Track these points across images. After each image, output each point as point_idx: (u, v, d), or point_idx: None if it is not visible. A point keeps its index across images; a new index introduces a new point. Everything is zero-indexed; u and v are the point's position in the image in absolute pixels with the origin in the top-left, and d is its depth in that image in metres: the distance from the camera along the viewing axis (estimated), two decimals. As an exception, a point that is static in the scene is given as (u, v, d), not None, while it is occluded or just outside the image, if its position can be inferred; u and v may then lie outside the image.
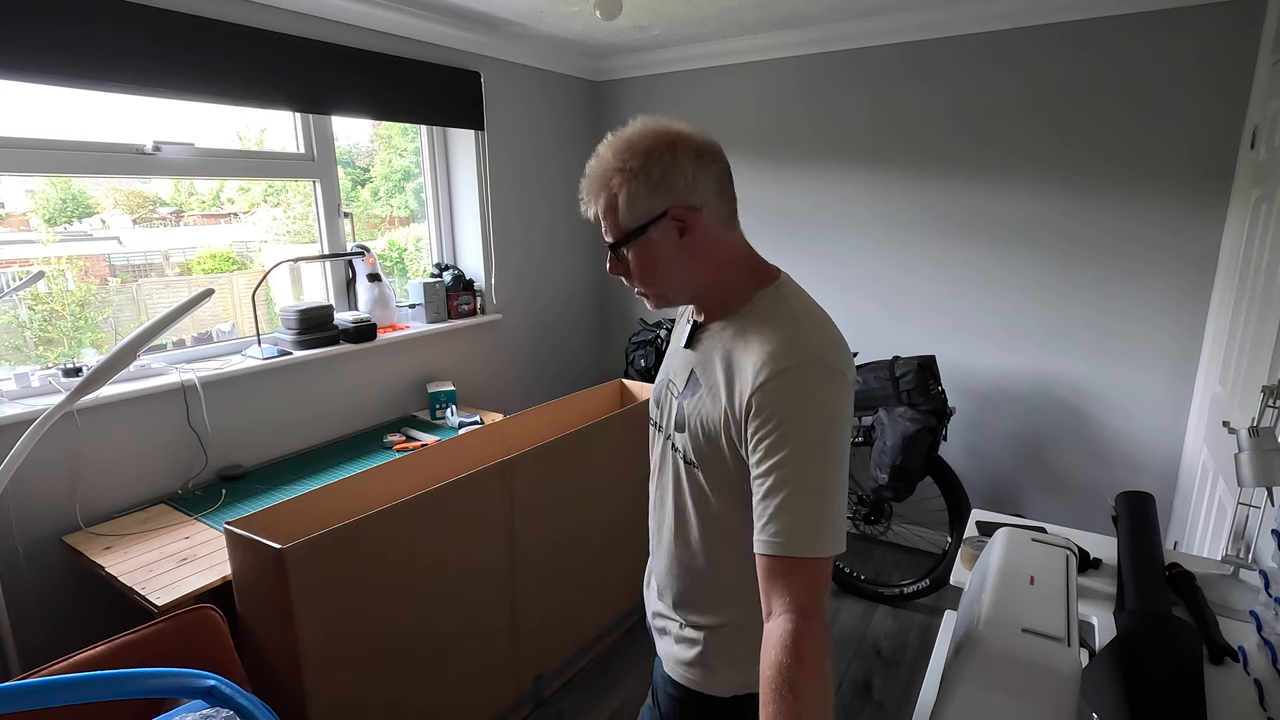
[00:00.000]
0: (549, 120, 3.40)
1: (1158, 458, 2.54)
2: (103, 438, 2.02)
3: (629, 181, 0.92)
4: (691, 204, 0.92)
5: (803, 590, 0.82)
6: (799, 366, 0.86)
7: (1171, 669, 1.05)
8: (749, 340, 0.92)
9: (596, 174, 0.96)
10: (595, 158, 0.96)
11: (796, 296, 0.97)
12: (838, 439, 0.86)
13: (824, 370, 0.87)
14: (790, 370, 0.86)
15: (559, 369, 3.70)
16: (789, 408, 0.85)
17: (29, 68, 1.78)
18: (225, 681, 0.79)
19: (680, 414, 1.00)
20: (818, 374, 0.86)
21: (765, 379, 0.86)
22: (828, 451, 0.85)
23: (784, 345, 0.88)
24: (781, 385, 0.85)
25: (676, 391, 1.03)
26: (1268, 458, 1.23)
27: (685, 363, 1.03)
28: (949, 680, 1.05)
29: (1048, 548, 1.22)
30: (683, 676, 1.06)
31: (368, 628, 1.60)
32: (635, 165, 0.91)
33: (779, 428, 0.85)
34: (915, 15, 2.63)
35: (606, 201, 0.95)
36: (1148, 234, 2.44)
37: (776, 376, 0.86)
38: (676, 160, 0.91)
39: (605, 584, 2.39)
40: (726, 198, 0.96)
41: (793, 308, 0.94)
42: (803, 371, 0.86)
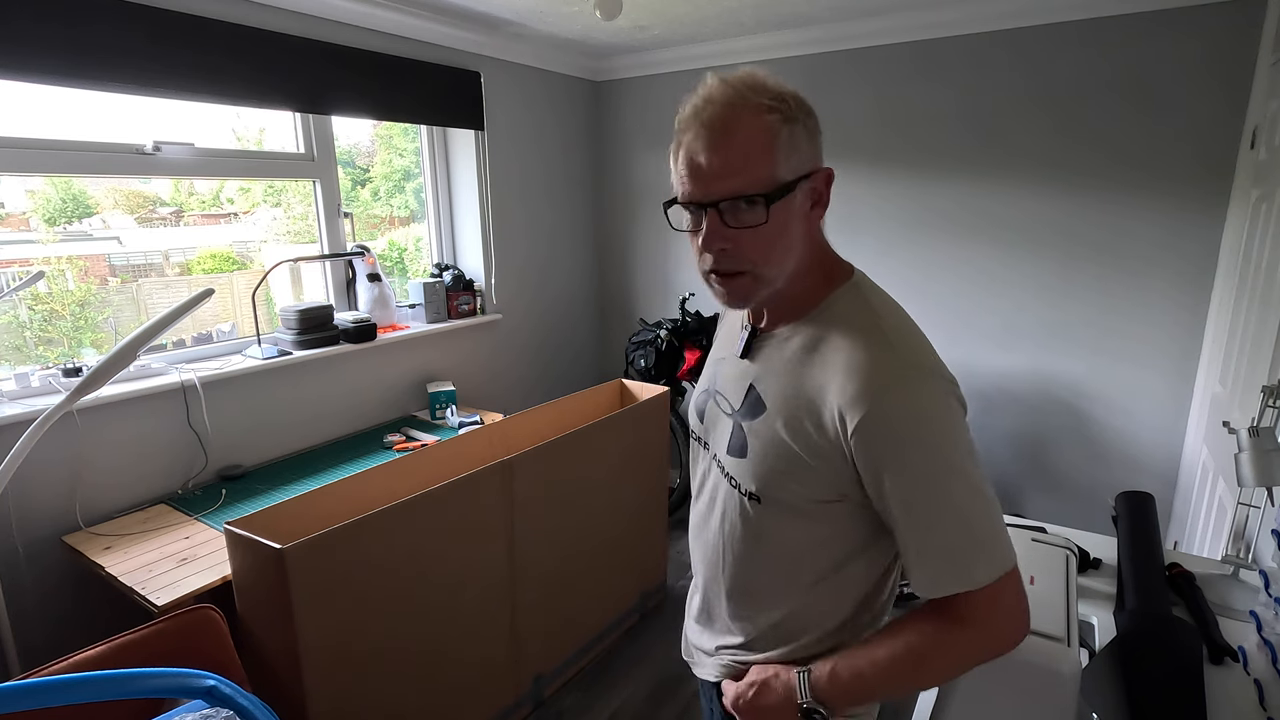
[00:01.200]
0: (549, 120, 3.40)
1: (1158, 458, 2.54)
2: (103, 438, 2.01)
3: (788, 124, 0.75)
4: (824, 167, 0.80)
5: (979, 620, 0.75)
6: (901, 386, 0.74)
7: (1171, 669, 1.05)
8: (830, 351, 0.78)
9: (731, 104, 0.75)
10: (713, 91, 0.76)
11: (877, 296, 0.84)
12: (966, 449, 0.75)
13: (930, 378, 0.75)
14: (894, 387, 0.73)
15: (559, 369, 3.70)
16: (905, 430, 0.73)
17: (29, 68, 1.78)
18: (225, 681, 0.79)
19: (738, 438, 0.86)
20: (924, 387, 0.75)
21: (869, 401, 0.73)
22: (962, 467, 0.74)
23: (878, 357, 0.75)
24: (890, 406, 0.73)
25: (729, 408, 0.90)
26: (1268, 458, 1.23)
27: (741, 375, 0.89)
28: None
29: (1048, 548, 1.22)
30: None
31: (367, 627, 1.59)
32: (793, 110, 0.76)
33: (901, 455, 0.73)
34: (915, 15, 2.63)
35: (753, 141, 0.74)
36: (1148, 233, 2.44)
37: (881, 396, 0.73)
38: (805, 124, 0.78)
39: (605, 584, 2.39)
40: None
41: (876, 311, 0.80)
42: (907, 391, 0.74)
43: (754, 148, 0.75)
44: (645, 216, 3.64)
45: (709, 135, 0.75)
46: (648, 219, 3.63)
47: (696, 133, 0.76)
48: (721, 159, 0.75)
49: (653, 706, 2.19)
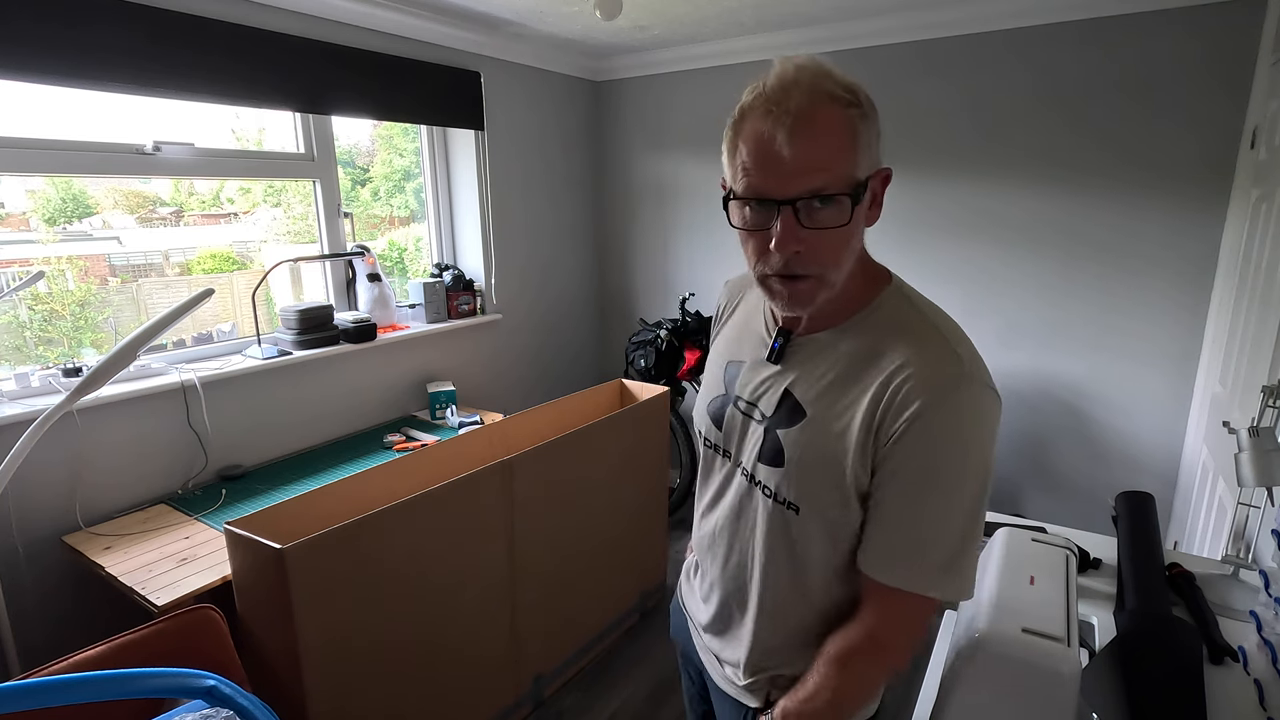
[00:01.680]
0: (549, 120, 3.40)
1: (1158, 458, 2.54)
2: (103, 438, 2.01)
3: (864, 120, 0.73)
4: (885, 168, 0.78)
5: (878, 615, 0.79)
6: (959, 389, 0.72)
7: (1171, 669, 1.05)
8: (888, 354, 0.76)
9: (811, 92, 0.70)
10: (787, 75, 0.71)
11: (921, 299, 0.82)
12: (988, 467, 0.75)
13: (984, 392, 0.74)
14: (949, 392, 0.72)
15: (559, 369, 3.70)
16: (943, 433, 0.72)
17: (29, 68, 1.78)
18: (225, 681, 0.79)
19: (772, 445, 0.83)
20: (979, 397, 0.73)
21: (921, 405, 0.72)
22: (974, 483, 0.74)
23: (939, 364, 0.74)
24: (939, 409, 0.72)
25: (759, 416, 0.86)
26: (1268, 458, 1.23)
27: (773, 382, 0.86)
28: (949, 680, 1.05)
29: (1048, 548, 1.22)
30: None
31: (368, 627, 1.59)
32: (865, 105, 0.73)
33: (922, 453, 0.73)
34: (916, 15, 2.63)
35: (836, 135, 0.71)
36: (1149, 233, 2.44)
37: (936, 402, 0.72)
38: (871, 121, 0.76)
39: (605, 584, 2.39)
40: None
41: (926, 315, 0.79)
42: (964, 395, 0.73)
43: (839, 142, 0.71)
44: (645, 216, 3.64)
45: (792, 124, 0.69)
46: (648, 219, 3.63)
47: (778, 120, 0.69)
48: (804, 152, 0.70)
49: (653, 706, 2.19)
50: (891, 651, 0.80)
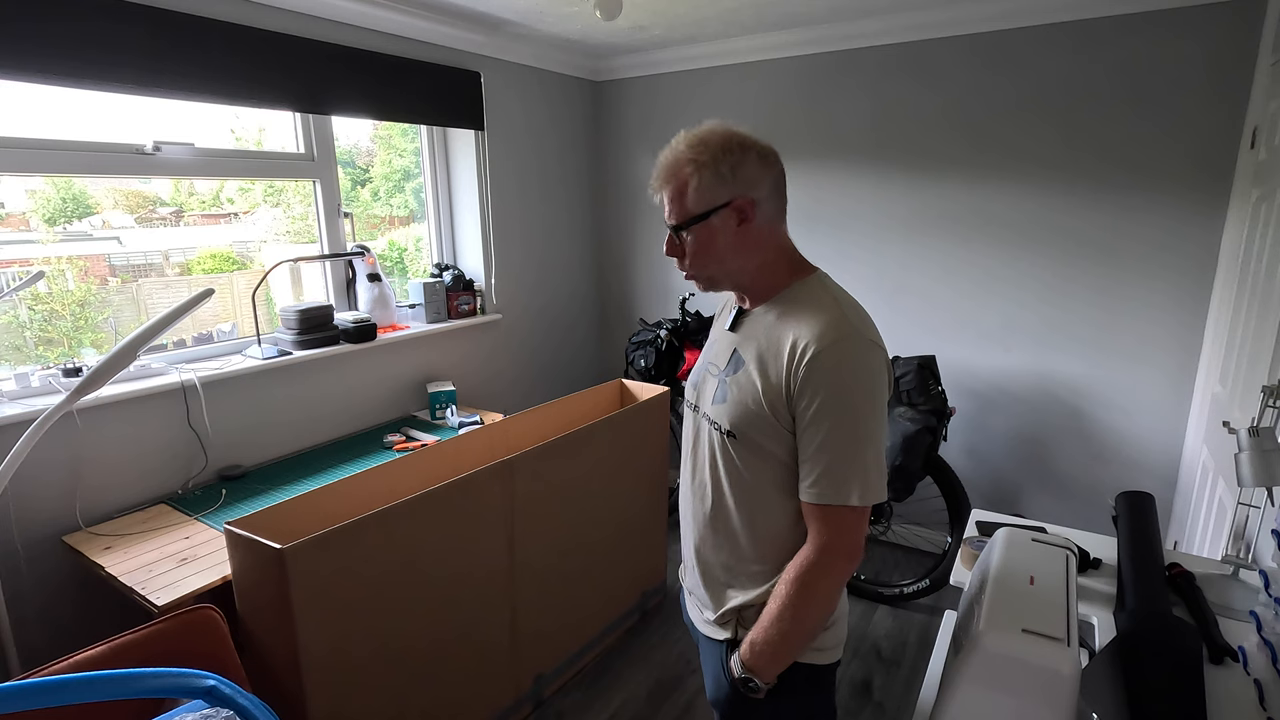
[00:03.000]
0: (549, 120, 3.40)
1: (1158, 458, 2.54)
2: (103, 438, 2.02)
3: (700, 171, 1.01)
4: (753, 197, 1.03)
5: (832, 532, 0.99)
6: (842, 340, 0.96)
7: (1171, 669, 1.05)
8: (793, 319, 1.02)
9: (669, 162, 1.04)
10: (668, 148, 1.06)
11: (833, 286, 1.07)
12: (876, 403, 0.98)
13: (864, 343, 0.98)
14: (834, 344, 0.96)
15: (559, 369, 3.70)
16: (833, 377, 0.95)
17: (29, 68, 1.78)
18: (225, 681, 0.79)
19: (722, 389, 1.09)
20: (858, 346, 0.97)
21: (813, 353, 0.96)
22: (867, 414, 0.97)
23: (828, 323, 0.98)
24: (827, 357, 0.95)
25: (717, 371, 1.12)
26: (1268, 458, 1.23)
27: (728, 344, 1.12)
28: (949, 680, 1.06)
29: (1048, 548, 1.22)
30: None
31: (368, 627, 1.59)
32: (707, 158, 1.01)
33: (825, 395, 0.95)
34: (915, 15, 2.63)
35: (676, 188, 1.04)
36: (1148, 234, 2.44)
37: (824, 350, 0.96)
38: (745, 158, 1.02)
39: (605, 583, 2.39)
40: (779, 197, 1.07)
41: (831, 293, 1.04)
42: (845, 345, 0.96)
43: (675, 192, 1.04)
44: (645, 216, 3.64)
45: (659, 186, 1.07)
46: (648, 219, 3.63)
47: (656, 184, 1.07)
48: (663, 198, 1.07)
49: (653, 706, 2.19)
50: (838, 560, 0.99)
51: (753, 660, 1.03)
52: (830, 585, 1.00)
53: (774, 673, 1.03)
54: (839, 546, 0.99)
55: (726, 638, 1.11)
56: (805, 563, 1.00)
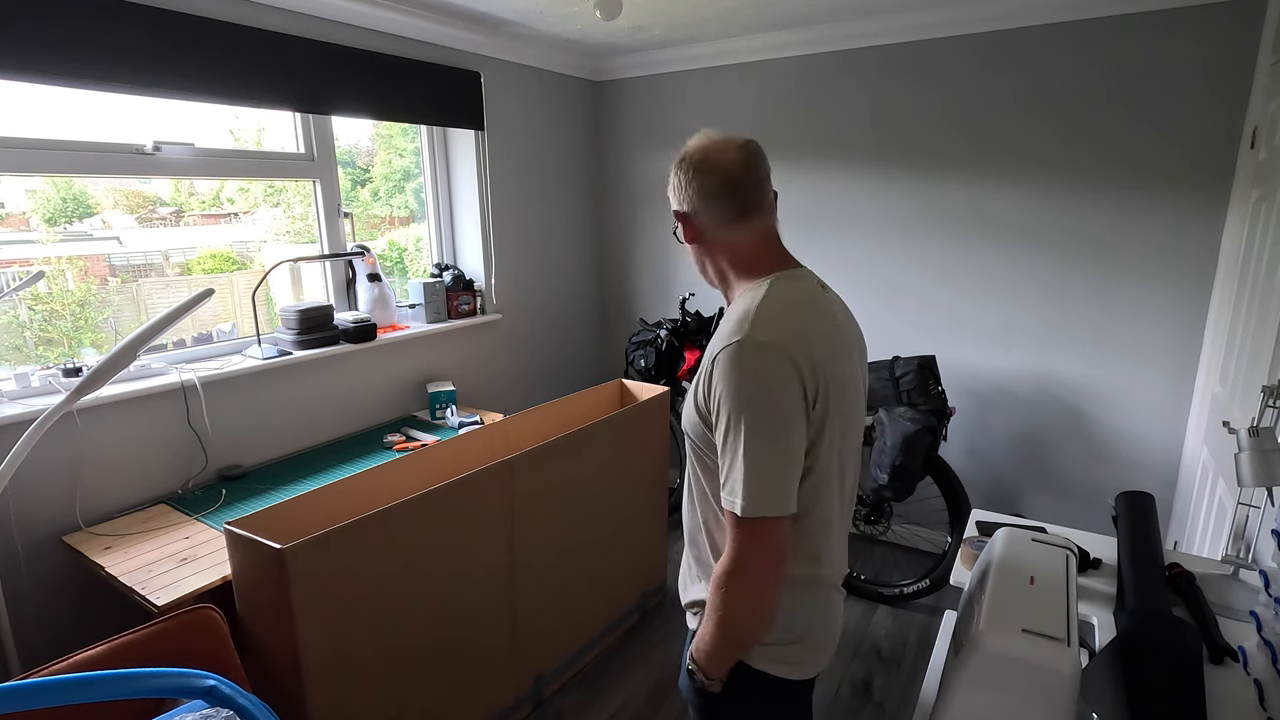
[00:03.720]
0: (549, 120, 3.40)
1: (1158, 458, 2.54)
2: (103, 438, 2.02)
3: (673, 175, 1.10)
4: (684, 210, 1.09)
5: (737, 539, 0.97)
6: (731, 345, 0.96)
7: (1171, 669, 1.05)
8: (721, 326, 1.04)
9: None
10: None
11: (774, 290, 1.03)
12: (763, 409, 0.95)
13: (751, 346, 0.96)
14: (724, 350, 0.97)
15: (559, 369, 3.70)
16: (721, 384, 0.97)
17: (29, 68, 1.78)
18: (225, 681, 0.79)
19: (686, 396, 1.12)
20: (744, 350, 0.96)
21: (711, 358, 0.99)
22: (750, 421, 0.94)
23: (730, 329, 0.99)
24: (719, 364, 0.97)
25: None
26: (1268, 458, 1.23)
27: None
28: (949, 680, 1.06)
29: (1048, 548, 1.22)
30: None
31: (368, 627, 1.59)
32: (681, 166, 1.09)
33: (719, 404, 0.97)
34: (915, 15, 2.63)
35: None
36: (1148, 234, 2.44)
37: (717, 357, 0.98)
38: (677, 174, 1.09)
39: (605, 583, 2.39)
40: (725, 200, 1.05)
41: (755, 298, 1.02)
42: (732, 350, 0.96)
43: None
44: (645, 216, 3.64)
45: None
46: (648, 219, 3.63)
47: None
48: None
49: (653, 706, 2.19)
50: (748, 567, 0.97)
51: (695, 654, 1.06)
52: (744, 592, 0.98)
53: (715, 671, 1.04)
54: (745, 555, 0.96)
55: (692, 629, 1.15)
56: (720, 567, 1.00)
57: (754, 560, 0.97)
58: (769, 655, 1.05)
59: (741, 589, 0.98)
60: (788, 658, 1.07)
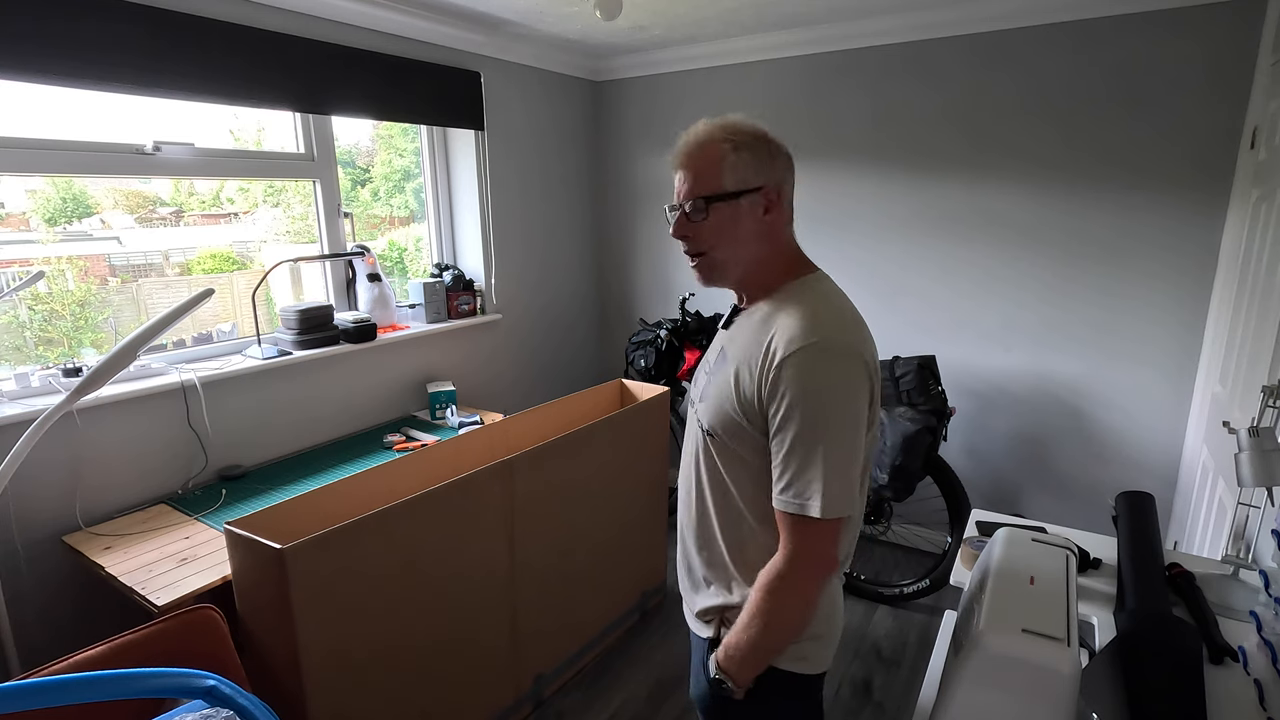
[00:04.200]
0: (549, 120, 3.40)
1: (1158, 458, 2.54)
2: (103, 438, 2.01)
3: (738, 150, 1.01)
4: (779, 190, 1.05)
5: (799, 541, 0.96)
6: (812, 345, 0.94)
7: (1171, 669, 1.05)
8: (775, 321, 1.00)
9: (699, 138, 1.04)
10: (695, 128, 1.05)
11: (825, 289, 1.06)
12: (845, 412, 0.95)
13: (836, 350, 0.95)
14: (804, 349, 0.94)
15: (559, 369, 3.70)
16: (800, 383, 0.94)
17: (29, 68, 1.78)
18: (225, 681, 0.79)
19: (707, 385, 1.09)
20: (829, 353, 0.95)
21: (783, 357, 0.95)
22: (833, 423, 0.94)
23: (802, 327, 0.96)
24: (796, 362, 0.94)
25: (709, 368, 1.13)
26: (1268, 458, 1.23)
27: (719, 341, 1.14)
28: (949, 680, 1.06)
29: (1048, 548, 1.22)
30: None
31: (368, 627, 1.60)
32: (746, 140, 1.02)
33: (790, 401, 0.94)
34: (915, 15, 2.63)
35: (706, 162, 1.02)
36: (1149, 233, 2.44)
37: (792, 355, 0.94)
38: (778, 153, 1.05)
39: (605, 583, 2.39)
40: (791, 192, 1.08)
41: (817, 296, 1.03)
42: (814, 350, 0.94)
43: (705, 167, 1.02)
44: (645, 216, 3.64)
45: (681, 161, 1.05)
46: (648, 219, 3.63)
47: (676, 160, 1.06)
48: (685, 177, 1.05)
49: (653, 706, 2.19)
50: (806, 570, 0.97)
51: (726, 663, 1.03)
52: (798, 596, 0.98)
53: (746, 677, 1.03)
54: (805, 557, 0.96)
55: (709, 636, 1.12)
56: (773, 571, 0.98)
57: (817, 562, 0.96)
58: (792, 653, 1.05)
59: (799, 592, 0.97)
60: (808, 654, 1.07)
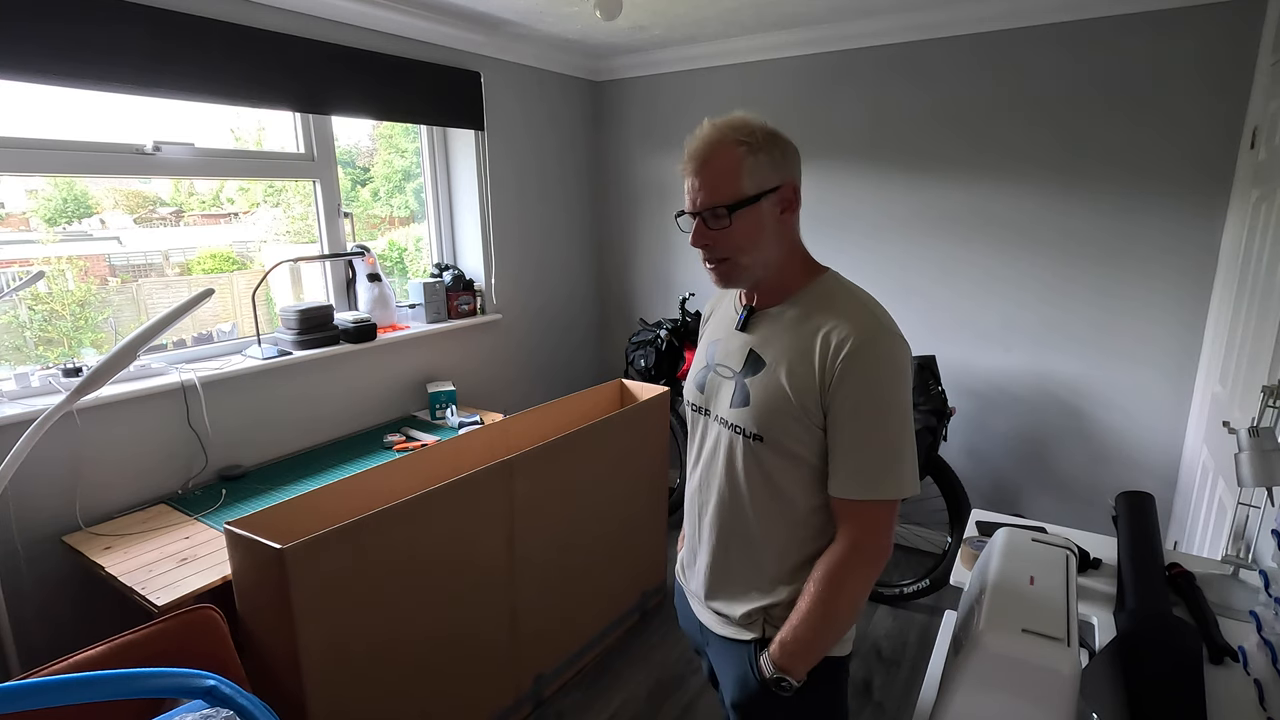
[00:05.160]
0: (549, 120, 3.40)
1: (1158, 458, 2.54)
2: (103, 438, 2.01)
3: (755, 153, 1.00)
4: (796, 185, 1.05)
5: (864, 527, 0.99)
6: (877, 336, 0.97)
7: (1171, 669, 1.05)
8: (820, 317, 1.02)
9: (711, 142, 1.01)
10: (705, 131, 1.03)
11: (850, 283, 1.09)
12: (908, 398, 0.99)
13: (896, 339, 0.99)
14: (870, 339, 0.97)
15: (559, 369, 3.70)
16: (870, 372, 0.96)
17: (29, 68, 1.78)
18: (225, 681, 0.79)
19: (740, 392, 1.07)
20: (892, 342, 0.98)
21: (850, 348, 0.96)
22: (902, 408, 0.98)
23: (860, 319, 0.99)
24: (863, 352, 0.96)
25: (730, 373, 1.10)
26: (1268, 458, 1.23)
27: (742, 344, 1.10)
28: (949, 680, 1.06)
29: (1048, 548, 1.22)
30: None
31: (368, 627, 1.59)
32: (760, 141, 1.00)
33: (862, 390, 0.96)
34: (914, 16, 2.63)
35: (724, 167, 1.00)
36: (1149, 233, 2.44)
37: (860, 346, 0.96)
38: (790, 150, 1.05)
39: (605, 584, 2.39)
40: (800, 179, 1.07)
41: (852, 291, 1.06)
42: (880, 340, 0.97)
43: (722, 172, 1.00)
44: (645, 216, 3.64)
45: (696, 167, 1.03)
46: (648, 219, 3.63)
47: (689, 166, 1.04)
48: (702, 184, 1.02)
49: (653, 706, 2.19)
50: (874, 554, 1.00)
51: (784, 659, 1.03)
52: (861, 582, 1.01)
53: (805, 670, 1.03)
54: (869, 543, 0.99)
55: (753, 637, 1.09)
56: (837, 559, 1.00)
57: (880, 547, 1.00)
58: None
59: (863, 578, 1.01)
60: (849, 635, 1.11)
